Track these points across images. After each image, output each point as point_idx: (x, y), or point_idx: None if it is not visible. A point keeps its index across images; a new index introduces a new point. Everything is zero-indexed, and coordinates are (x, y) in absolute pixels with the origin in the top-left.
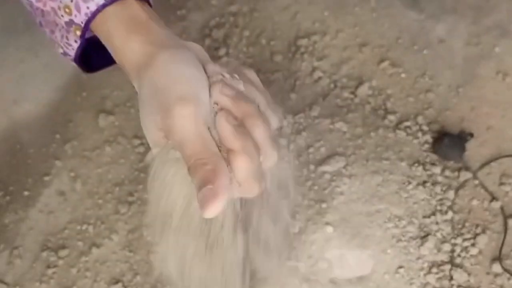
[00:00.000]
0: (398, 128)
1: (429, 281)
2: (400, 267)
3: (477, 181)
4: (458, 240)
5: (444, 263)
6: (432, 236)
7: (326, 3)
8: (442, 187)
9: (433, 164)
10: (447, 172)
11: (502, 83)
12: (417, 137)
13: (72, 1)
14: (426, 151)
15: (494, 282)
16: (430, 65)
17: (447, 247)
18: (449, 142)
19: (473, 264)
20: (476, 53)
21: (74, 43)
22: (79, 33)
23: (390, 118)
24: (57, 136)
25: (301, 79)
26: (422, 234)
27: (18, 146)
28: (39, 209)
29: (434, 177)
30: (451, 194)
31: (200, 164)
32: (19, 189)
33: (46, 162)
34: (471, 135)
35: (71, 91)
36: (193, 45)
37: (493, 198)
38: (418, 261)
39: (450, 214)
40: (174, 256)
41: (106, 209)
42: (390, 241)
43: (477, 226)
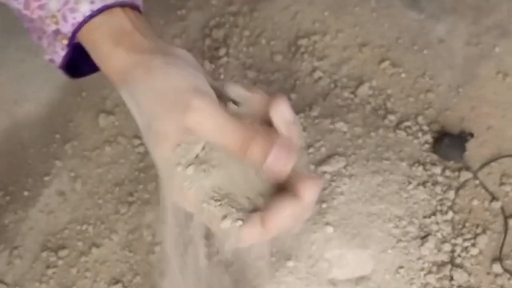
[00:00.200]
0: (398, 128)
1: (429, 281)
2: (401, 267)
3: (477, 181)
4: (459, 240)
5: (445, 263)
6: (432, 236)
7: (326, 3)
8: (442, 187)
9: (433, 164)
10: (447, 172)
11: (502, 83)
12: (417, 137)
13: (59, 11)
14: (426, 151)
15: (495, 282)
16: (430, 65)
17: (447, 247)
18: (449, 142)
19: (474, 264)
20: (476, 53)
21: (60, 51)
22: (66, 42)
23: (390, 118)
24: (57, 136)
25: (301, 79)
26: (423, 234)
27: (18, 146)
28: (39, 209)
29: (434, 177)
30: (451, 194)
31: (251, 139)
32: (19, 189)
33: (46, 162)
34: (471, 135)
35: (71, 91)
36: (183, 53)
37: (494, 198)
38: (418, 261)
39: (450, 214)
40: None
41: (106, 209)
42: (390, 241)
43: (477, 226)
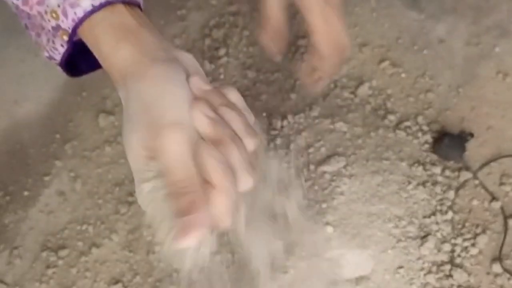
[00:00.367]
0: (398, 128)
1: (429, 281)
2: (400, 267)
3: (477, 181)
4: (458, 240)
5: (444, 263)
6: (432, 236)
7: None
8: (442, 187)
9: (433, 164)
10: (447, 172)
11: (502, 83)
12: (417, 137)
13: (59, 6)
14: (426, 151)
15: (494, 282)
16: (430, 65)
17: (447, 247)
18: (449, 142)
19: (473, 264)
20: (476, 53)
21: (60, 48)
22: (66, 38)
23: (390, 118)
24: (57, 136)
25: (301, 79)
26: (422, 234)
27: (18, 146)
28: (39, 209)
29: (434, 177)
30: (451, 194)
31: (182, 192)
32: (19, 189)
33: (46, 162)
34: (471, 135)
35: (71, 91)
36: (184, 56)
37: (493, 198)
38: (418, 261)
39: (450, 214)
40: None
41: (106, 209)
42: (390, 241)
43: (477, 226)
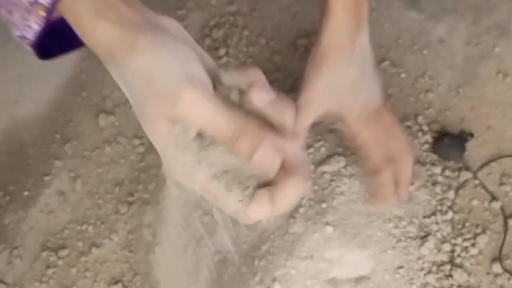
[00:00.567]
0: None
1: (429, 281)
2: (400, 267)
3: (477, 181)
4: (458, 240)
5: (444, 263)
6: (432, 236)
7: None
8: (442, 187)
9: (433, 164)
10: (447, 172)
11: (502, 83)
12: (417, 137)
13: None
14: (426, 151)
15: (494, 282)
16: (430, 65)
17: (447, 247)
18: (449, 142)
19: (473, 264)
20: (476, 53)
21: (35, 25)
22: (44, 13)
23: None
24: (57, 136)
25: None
26: (422, 234)
27: (18, 146)
28: (39, 209)
29: (434, 177)
30: (451, 194)
31: (240, 135)
32: (19, 189)
33: (46, 162)
34: (471, 135)
35: (71, 91)
36: (168, 22)
37: (493, 198)
38: (418, 261)
39: (450, 214)
40: None
41: (106, 209)
42: (390, 241)
43: (477, 226)
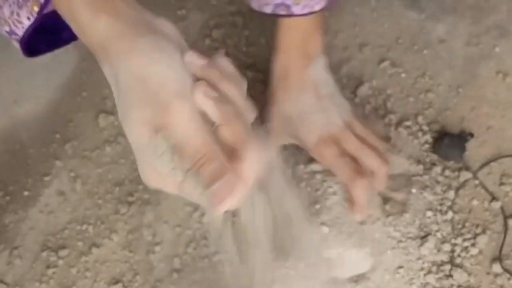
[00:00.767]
0: (398, 128)
1: (429, 281)
2: (400, 267)
3: (477, 181)
4: (458, 240)
5: (444, 263)
6: (432, 236)
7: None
8: (442, 187)
9: (433, 164)
10: (447, 172)
11: (502, 83)
12: (417, 137)
13: None
14: (426, 151)
15: (494, 282)
16: (430, 65)
17: (447, 247)
18: (449, 142)
19: (473, 264)
20: (476, 53)
21: (26, 21)
22: (37, 9)
23: (390, 118)
24: (57, 136)
25: None
26: (422, 234)
27: (18, 146)
28: (39, 209)
29: (434, 177)
30: (451, 194)
31: (207, 159)
32: (19, 189)
33: (46, 162)
34: (471, 135)
35: (71, 91)
36: (165, 25)
37: (493, 198)
38: (418, 261)
39: (450, 214)
40: None
41: (106, 209)
42: (390, 241)
43: (477, 226)
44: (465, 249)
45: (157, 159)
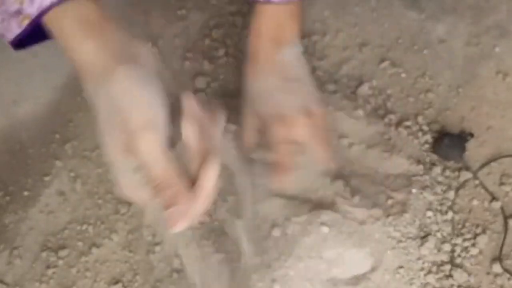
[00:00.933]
0: (398, 128)
1: (429, 281)
2: (400, 267)
3: (477, 181)
4: (458, 240)
5: (444, 263)
6: (432, 236)
7: (326, 2)
8: (442, 187)
9: (433, 164)
10: (447, 172)
11: (502, 83)
12: (417, 137)
13: None
14: (426, 151)
15: (494, 282)
16: (430, 65)
17: (447, 247)
18: (449, 142)
19: (473, 264)
20: (476, 53)
21: (16, 29)
22: (27, 22)
23: (390, 118)
24: (57, 136)
25: None
26: (422, 234)
27: (18, 146)
28: (39, 209)
29: (434, 177)
30: (451, 194)
31: (165, 185)
32: (19, 189)
33: (46, 162)
34: (471, 135)
35: (71, 91)
36: (145, 51)
37: (493, 198)
38: (418, 261)
39: (450, 214)
40: None
41: (106, 209)
42: (390, 241)
43: (477, 226)
44: (465, 249)
45: (130, 174)
